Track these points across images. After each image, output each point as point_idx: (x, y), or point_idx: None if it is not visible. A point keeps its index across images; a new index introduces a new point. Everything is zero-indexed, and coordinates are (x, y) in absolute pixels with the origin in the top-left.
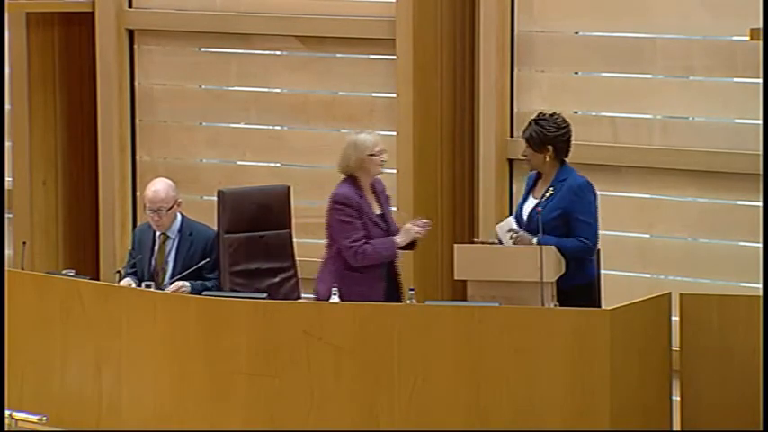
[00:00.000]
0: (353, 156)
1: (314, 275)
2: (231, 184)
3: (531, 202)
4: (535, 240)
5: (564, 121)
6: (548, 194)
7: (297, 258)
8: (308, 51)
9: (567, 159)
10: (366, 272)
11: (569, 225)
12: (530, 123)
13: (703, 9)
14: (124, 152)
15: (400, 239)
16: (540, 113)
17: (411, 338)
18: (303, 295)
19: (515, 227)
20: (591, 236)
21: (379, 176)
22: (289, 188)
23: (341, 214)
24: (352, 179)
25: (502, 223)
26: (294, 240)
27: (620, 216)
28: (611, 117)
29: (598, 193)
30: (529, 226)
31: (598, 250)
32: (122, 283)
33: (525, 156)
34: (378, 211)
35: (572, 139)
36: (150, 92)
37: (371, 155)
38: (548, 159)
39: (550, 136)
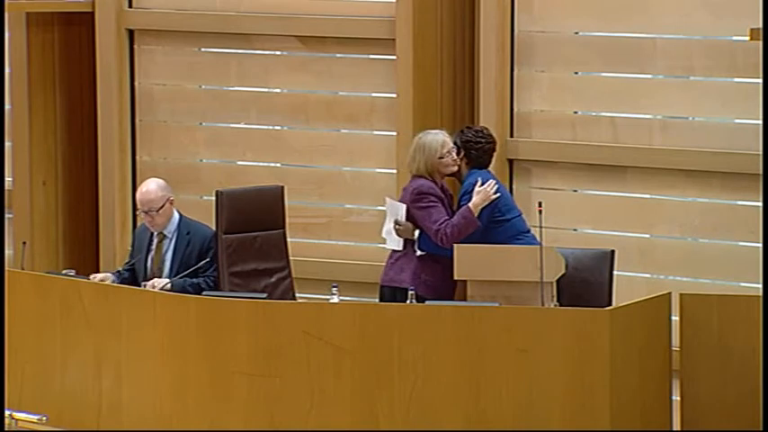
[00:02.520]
0: (422, 160)
1: (309, 275)
2: (231, 184)
3: None
4: (416, 234)
5: (489, 134)
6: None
7: (291, 258)
8: (308, 51)
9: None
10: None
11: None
12: (461, 131)
13: (703, 9)
14: (124, 152)
15: (473, 203)
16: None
17: (411, 338)
18: (298, 295)
19: (403, 218)
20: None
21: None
22: (283, 188)
23: (424, 202)
24: (425, 177)
25: (395, 202)
26: (288, 240)
27: (621, 216)
28: (611, 117)
29: (598, 192)
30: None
31: (612, 252)
32: (98, 277)
33: (458, 163)
34: None
35: (494, 151)
36: (150, 92)
37: (441, 157)
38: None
39: (477, 146)
